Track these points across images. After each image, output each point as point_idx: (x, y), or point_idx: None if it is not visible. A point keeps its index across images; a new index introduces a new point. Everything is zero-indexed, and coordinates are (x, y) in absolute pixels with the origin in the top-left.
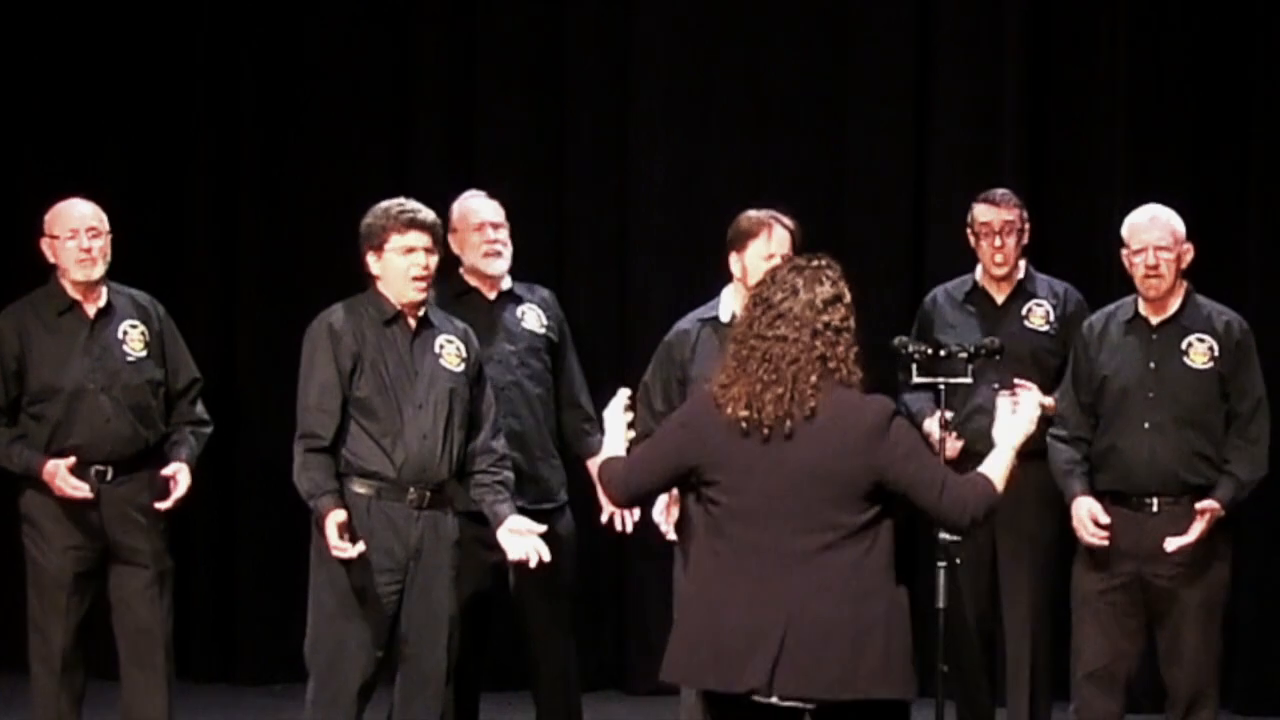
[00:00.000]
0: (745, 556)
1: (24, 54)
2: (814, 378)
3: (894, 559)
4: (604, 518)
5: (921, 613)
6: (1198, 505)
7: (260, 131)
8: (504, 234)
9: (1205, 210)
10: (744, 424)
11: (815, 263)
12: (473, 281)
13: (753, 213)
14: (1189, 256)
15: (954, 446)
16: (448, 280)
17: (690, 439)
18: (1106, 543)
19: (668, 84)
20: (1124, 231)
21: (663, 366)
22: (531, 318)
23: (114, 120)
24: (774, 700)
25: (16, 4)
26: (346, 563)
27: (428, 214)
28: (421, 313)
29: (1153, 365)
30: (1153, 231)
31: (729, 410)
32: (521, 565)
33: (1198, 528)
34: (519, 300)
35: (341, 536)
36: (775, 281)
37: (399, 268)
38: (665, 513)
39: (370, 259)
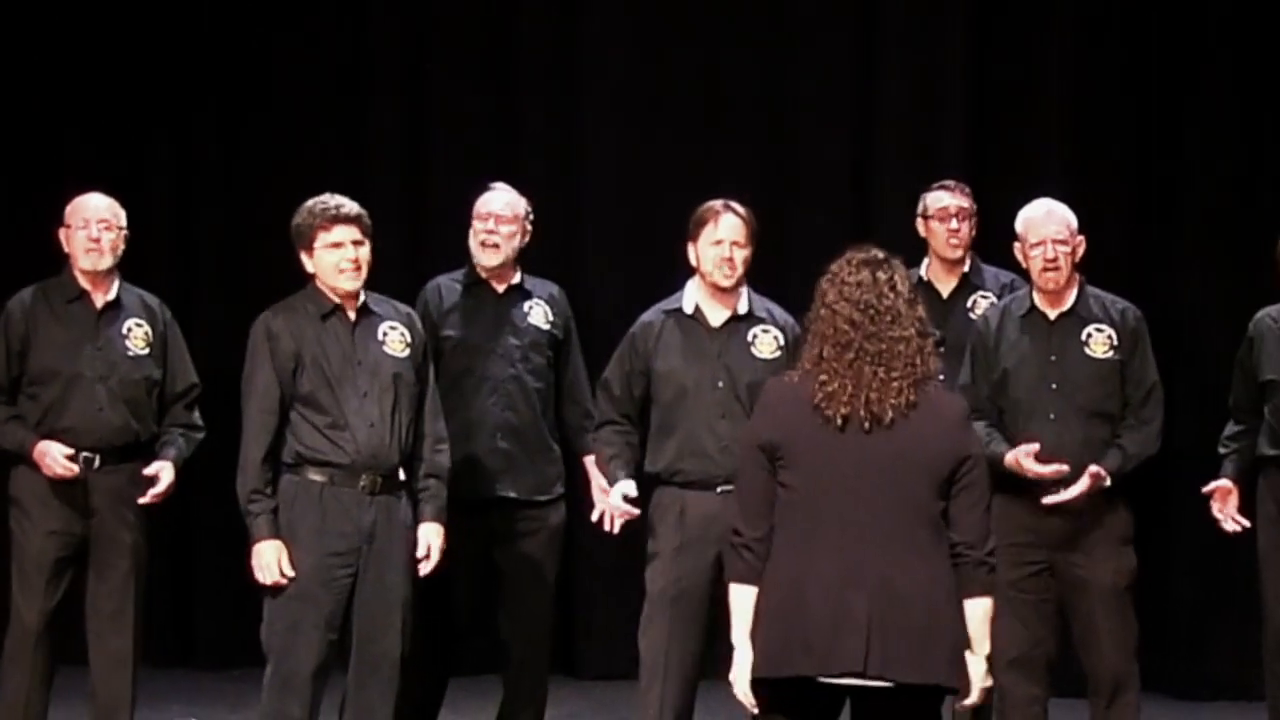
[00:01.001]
0: (825, 539)
1: None
2: (927, 367)
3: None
4: (594, 516)
5: None
6: (1089, 469)
7: (216, 128)
8: (507, 229)
9: (1141, 204)
10: (843, 419)
11: (884, 256)
12: (483, 274)
13: (708, 202)
14: (1082, 249)
15: None
16: (464, 271)
17: (770, 425)
18: (1065, 467)
19: (618, 81)
20: (1019, 226)
21: (626, 357)
22: (538, 313)
23: (71, 116)
24: (859, 682)
25: None
26: (301, 548)
27: (351, 207)
28: (360, 301)
29: (1053, 358)
30: (1049, 225)
31: (829, 410)
32: (506, 551)
33: (1078, 487)
34: (528, 295)
35: (277, 563)
36: (864, 284)
37: (329, 263)
38: (609, 518)
39: (303, 258)
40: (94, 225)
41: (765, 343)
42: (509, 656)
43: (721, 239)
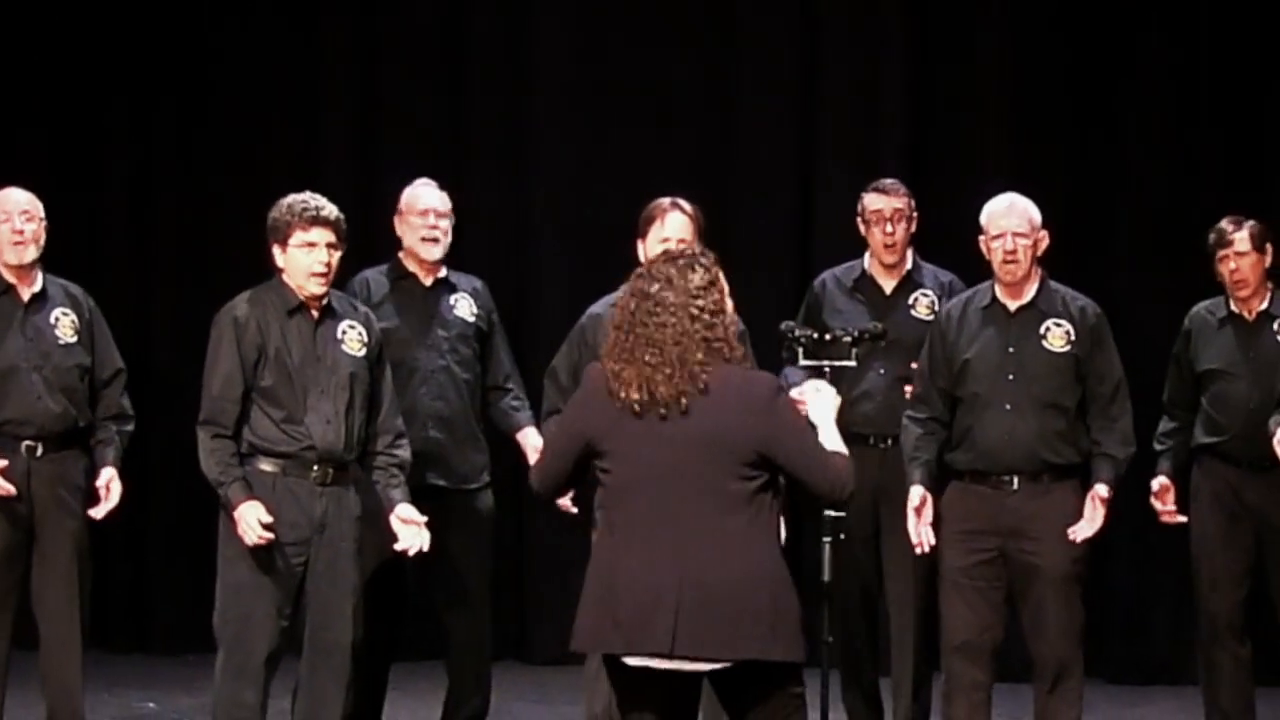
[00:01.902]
0: (639, 525)
1: None
2: (700, 355)
3: (777, 531)
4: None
5: (807, 587)
6: (1090, 493)
7: (174, 124)
8: (446, 224)
9: (1080, 200)
10: (637, 405)
11: (689, 253)
12: (411, 267)
13: (656, 200)
14: (1044, 244)
15: None
16: (390, 266)
17: (587, 416)
18: (927, 546)
19: (566, 79)
20: (982, 219)
21: (575, 348)
22: (464, 306)
23: (29, 110)
24: (675, 665)
25: None
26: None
27: (331, 210)
28: (324, 300)
29: (1011, 349)
30: (1010, 218)
31: (623, 394)
32: (439, 538)
33: (1099, 515)
34: (453, 289)
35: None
36: (651, 274)
37: (301, 263)
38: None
39: (275, 251)
40: (17, 218)
41: None
42: (451, 642)
43: (669, 236)
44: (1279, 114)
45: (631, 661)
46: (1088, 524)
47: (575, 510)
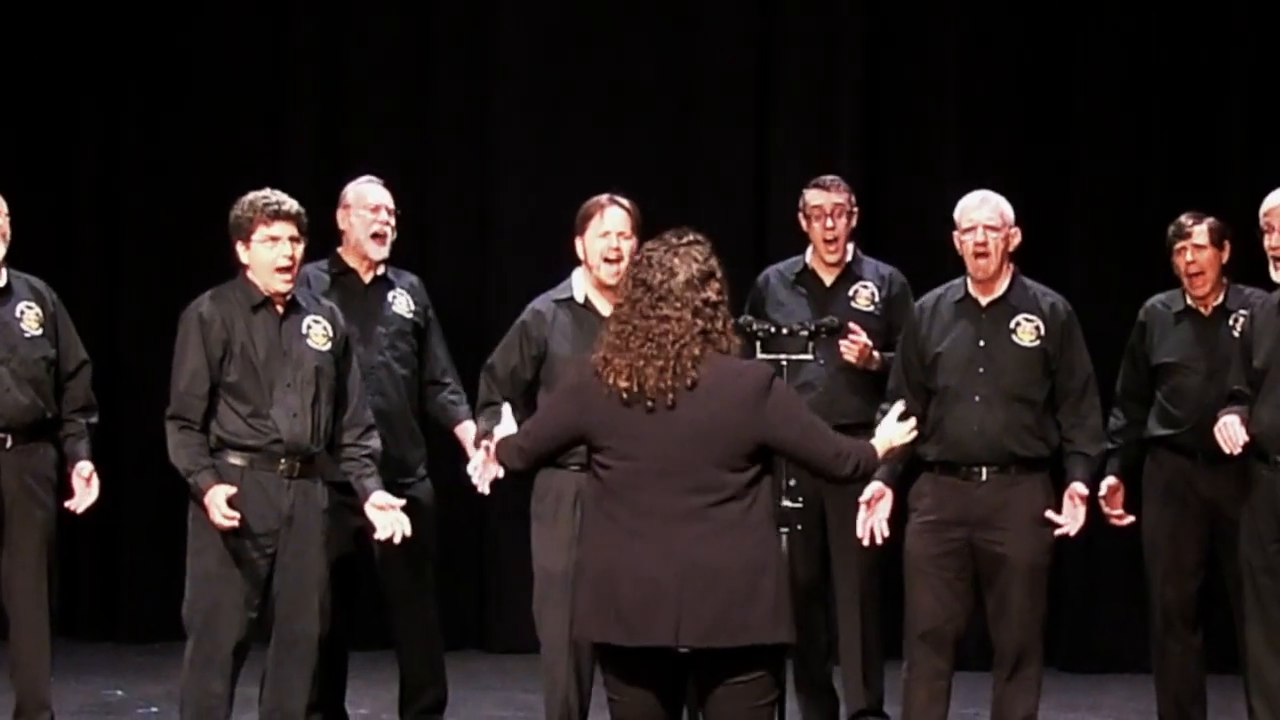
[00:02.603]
0: (637, 518)
1: None
2: (696, 350)
3: (771, 517)
4: (470, 468)
5: None
6: (1069, 492)
7: (140, 123)
8: (393, 221)
9: (1031, 198)
10: (624, 395)
11: (685, 239)
12: (351, 263)
13: (594, 197)
14: (1016, 240)
15: None
16: (329, 261)
17: (580, 404)
18: (879, 539)
19: (527, 78)
20: (955, 213)
21: (516, 343)
22: (401, 302)
23: None
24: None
25: None
26: (223, 529)
27: (292, 205)
28: (289, 296)
29: (982, 343)
30: (982, 211)
31: (611, 381)
32: (384, 542)
33: (1080, 513)
34: (390, 285)
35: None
36: (651, 263)
37: (265, 258)
38: (481, 467)
39: (239, 248)
40: None
41: None
42: (400, 633)
43: (608, 230)
44: (1231, 112)
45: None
46: (1071, 520)
47: (487, 491)
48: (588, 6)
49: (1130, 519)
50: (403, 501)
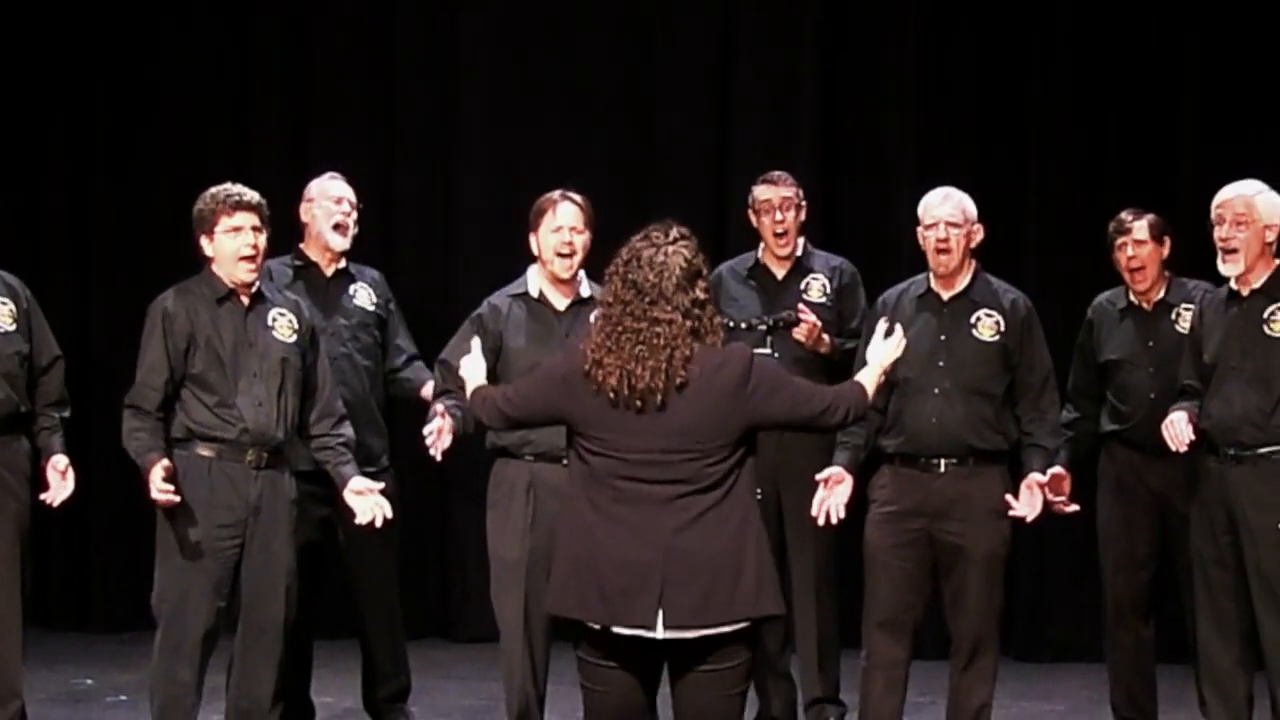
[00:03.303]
0: (620, 503)
1: None
2: (687, 351)
3: (753, 492)
4: (426, 430)
5: None
6: (1027, 481)
7: (111, 120)
8: (354, 215)
9: (987, 195)
10: (613, 394)
11: (672, 237)
12: (313, 256)
13: (547, 193)
14: (978, 236)
15: None
16: (291, 256)
17: (568, 394)
18: (835, 519)
19: (490, 76)
20: (919, 210)
21: (468, 336)
22: (363, 295)
23: None
24: (661, 635)
25: None
26: (191, 519)
27: (253, 196)
28: (254, 289)
29: (943, 337)
30: (944, 207)
31: (600, 380)
32: (347, 522)
33: (1038, 501)
34: (352, 279)
35: (166, 481)
36: (640, 263)
37: (229, 248)
38: (437, 434)
39: (203, 242)
40: None
41: None
42: (364, 623)
43: (561, 225)
44: (1181, 112)
45: (618, 630)
46: (1028, 508)
47: (440, 458)
48: (548, 6)
49: (1074, 507)
50: (381, 485)
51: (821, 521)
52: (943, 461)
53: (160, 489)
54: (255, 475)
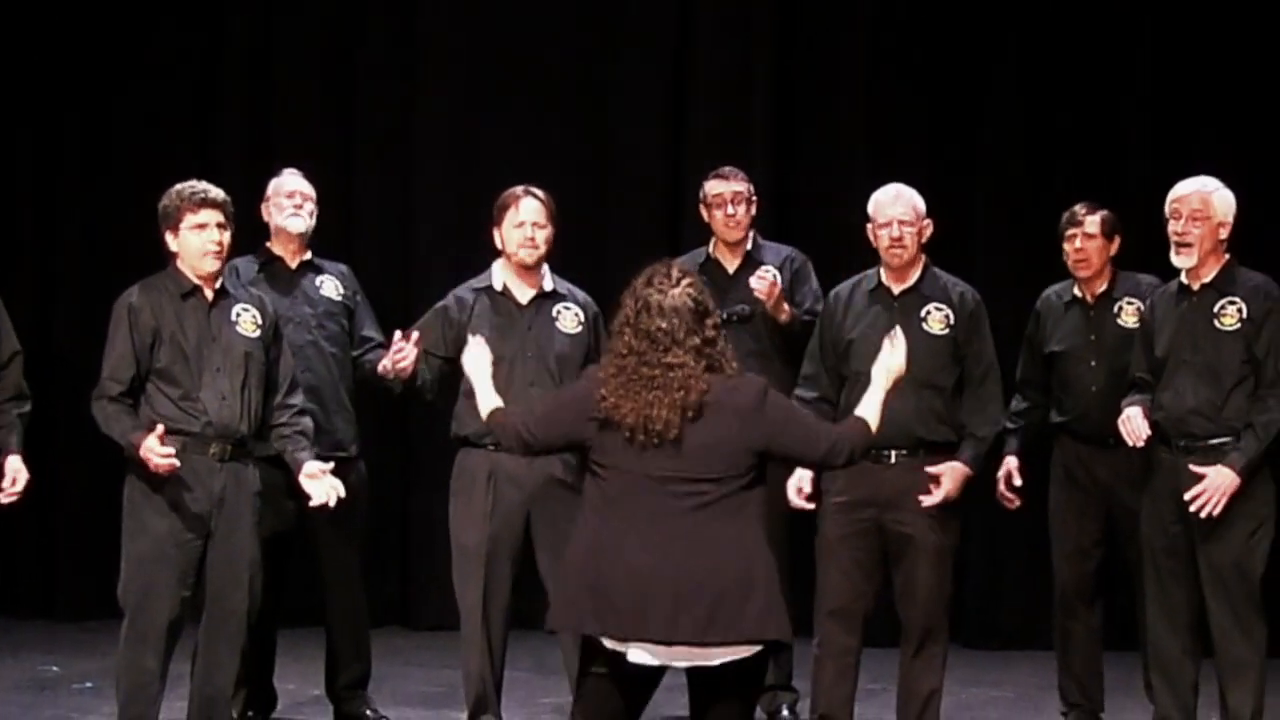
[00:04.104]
0: (633, 519)
1: None
2: (704, 386)
3: (763, 519)
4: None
5: None
6: (943, 466)
7: (78, 118)
8: (310, 206)
9: (938, 191)
10: (629, 433)
11: (675, 278)
12: (278, 251)
13: (510, 189)
14: (929, 231)
15: None
16: (257, 251)
17: (586, 417)
18: (811, 506)
19: (450, 75)
20: (870, 208)
21: (433, 324)
22: (330, 286)
23: None
24: (662, 660)
25: None
26: (156, 510)
27: (217, 193)
28: (219, 285)
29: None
30: (897, 206)
31: (618, 420)
32: (319, 509)
33: (947, 485)
34: (318, 270)
35: (163, 444)
36: (650, 310)
37: (194, 244)
38: (392, 355)
39: (168, 237)
40: None
41: (568, 319)
42: (329, 610)
43: (524, 220)
44: (1130, 111)
45: (620, 649)
46: (937, 493)
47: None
48: (506, 5)
49: (1017, 503)
50: (331, 464)
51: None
52: (893, 453)
53: (160, 454)
54: (219, 468)
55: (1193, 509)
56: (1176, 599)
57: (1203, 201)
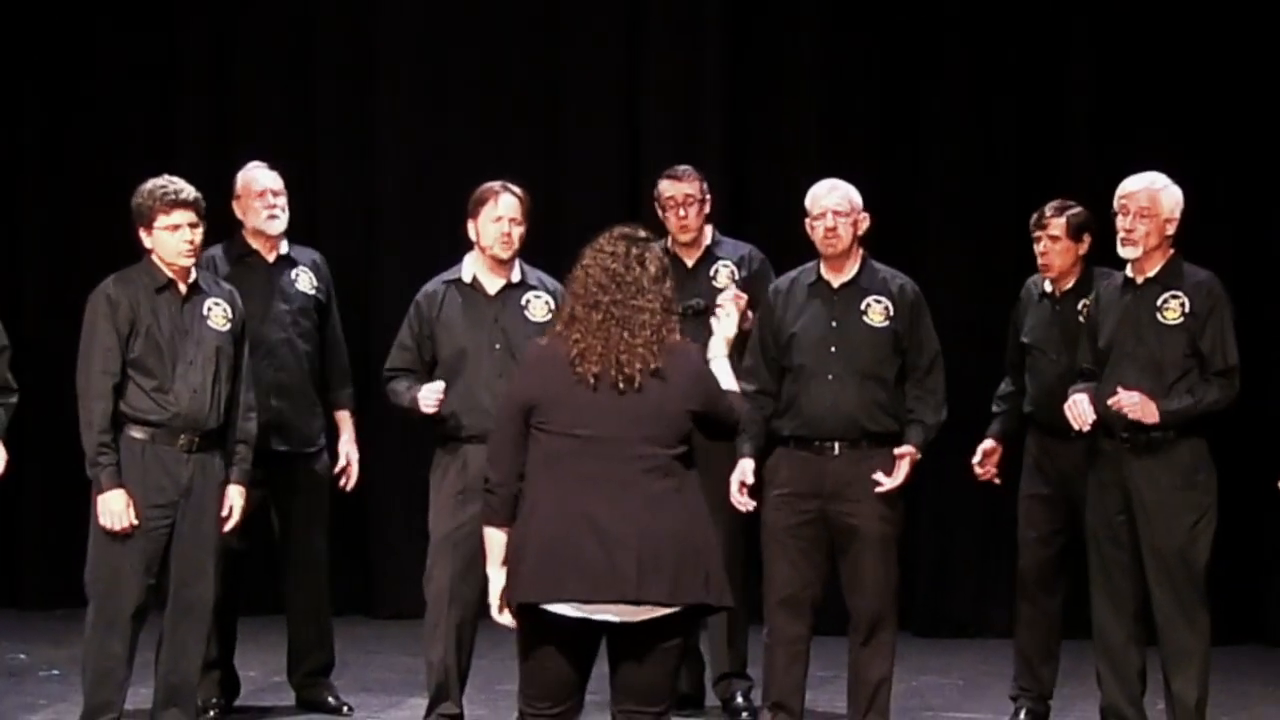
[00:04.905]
0: (589, 485)
1: None
2: (665, 338)
3: (700, 489)
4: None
5: None
6: (896, 451)
7: (41, 113)
8: (283, 200)
9: (887, 183)
10: (594, 379)
11: (643, 236)
12: (254, 244)
13: (486, 183)
14: (865, 224)
15: None
16: (231, 243)
17: (532, 385)
18: (752, 506)
19: (408, 74)
20: (806, 201)
21: (413, 322)
22: (304, 280)
23: None
24: (605, 615)
25: None
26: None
27: (190, 192)
28: (191, 279)
29: (835, 324)
30: (831, 197)
31: (581, 368)
32: (281, 499)
33: (903, 470)
34: (294, 264)
35: (125, 510)
36: (616, 255)
37: (168, 244)
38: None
39: (142, 234)
40: None
41: (538, 307)
42: (291, 600)
43: (501, 216)
44: (1074, 107)
45: (558, 609)
46: (891, 479)
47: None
48: (464, 6)
49: (997, 480)
50: (242, 508)
51: (745, 510)
52: (837, 444)
53: (116, 521)
54: (187, 459)
55: (1110, 401)
56: (1121, 588)
57: (1151, 199)
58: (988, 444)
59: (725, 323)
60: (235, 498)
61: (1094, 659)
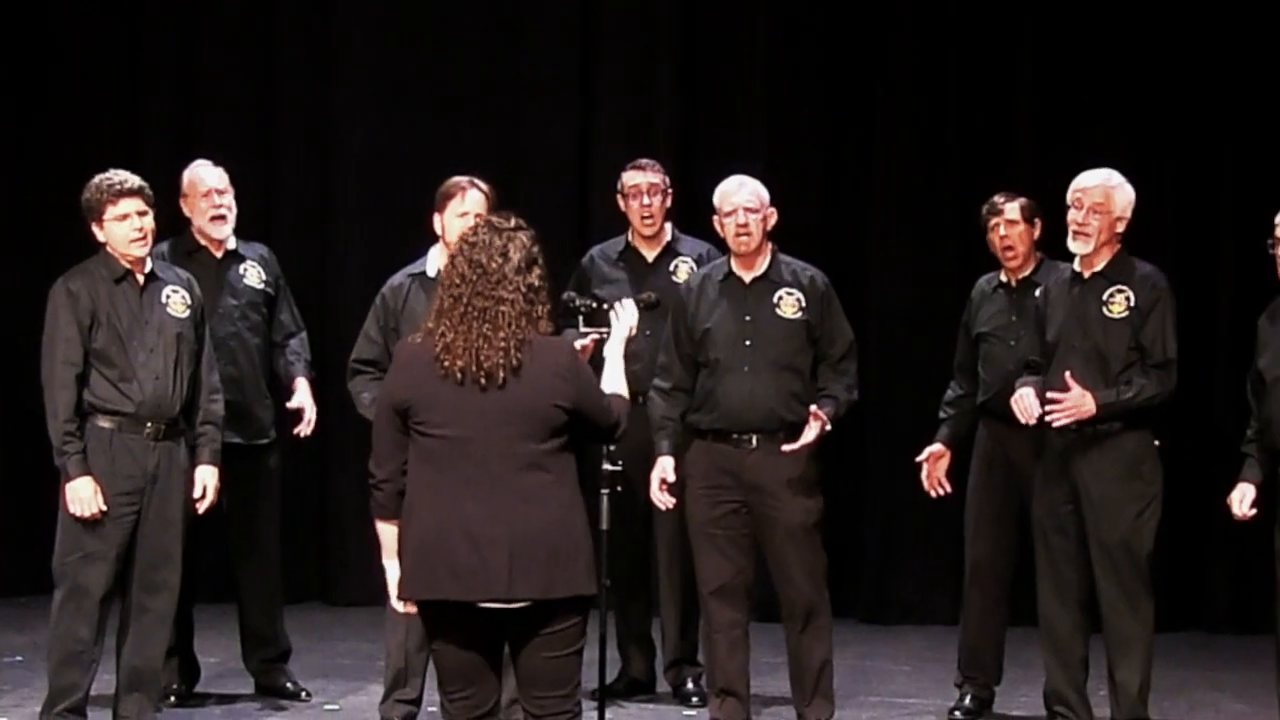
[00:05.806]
0: (463, 484)
1: None
2: (526, 334)
3: (576, 483)
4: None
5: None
6: (811, 408)
7: (4, 109)
8: (229, 199)
9: (836, 178)
10: (460, 374)
11: (511, 224)
12: (202, 241)
13: (454, 178)
14: (773, 220)
15: None
16: (180, 239)
17: (403, 384)
18: (671, 504)
19: (366, 71)
20: (715, 198)
21: (379, 315)
22: (253, 274)
23: None
24: (498, 604)
25: None
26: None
27: (134, 180)
28: (148, 268)
29: (748, 317)
30: (741, 194)
31: (447, 362)
32: (233, 491)
33: (811, 432)
34: (242, 259)
35: (94, 496)
36: (481, 245)
37: (119, 234)
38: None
39: (94, 228)
40: None
41: None
42: (242, 589)
43: (467, 211)
44: (1019, 103)
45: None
46: (800, 440)
47: None
48: (420, 5)
49: (946, 489)
50: (216, 488)
51: (666, 509)
52: (754, 436)
53: (85, 509)
54: (153, 446)
55: (1044, 411)
56: (1067, 577)
57: (1105, 195)
58: (936, 448)
59: (620, 324)
60: (208, 478)
61: (1039, 646)
